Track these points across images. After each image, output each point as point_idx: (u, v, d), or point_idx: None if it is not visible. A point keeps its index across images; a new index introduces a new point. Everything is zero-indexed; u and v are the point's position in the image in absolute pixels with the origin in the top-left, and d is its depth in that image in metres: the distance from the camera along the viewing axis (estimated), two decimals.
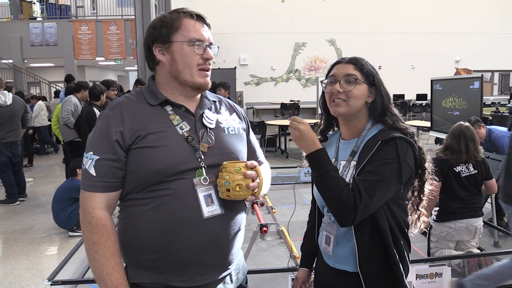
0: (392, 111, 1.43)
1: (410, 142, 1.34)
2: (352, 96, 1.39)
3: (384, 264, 1.37)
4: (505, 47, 16.72)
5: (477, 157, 3.30)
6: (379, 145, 1.32)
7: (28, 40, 12.59)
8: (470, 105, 6.02)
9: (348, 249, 1.40)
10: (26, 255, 4.11)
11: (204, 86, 1.36)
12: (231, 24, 14.90)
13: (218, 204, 1.30)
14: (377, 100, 1.42)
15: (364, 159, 1.33)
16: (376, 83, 1.42)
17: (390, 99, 1.44)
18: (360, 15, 15.82)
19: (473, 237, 3.34)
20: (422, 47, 16.04)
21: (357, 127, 1.44)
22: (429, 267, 2.56)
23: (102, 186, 1.25)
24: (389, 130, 1.38)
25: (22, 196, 6.00)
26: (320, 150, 1.33)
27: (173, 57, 1.31)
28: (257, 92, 15.89)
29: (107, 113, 1.29)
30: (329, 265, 1.48)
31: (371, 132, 1.42)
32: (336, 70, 1.44)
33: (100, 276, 1.22)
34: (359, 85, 1.39)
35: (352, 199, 1.25)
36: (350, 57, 1.45)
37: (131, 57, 12.05)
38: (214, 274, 1.32)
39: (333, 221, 1.44)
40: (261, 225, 3.05)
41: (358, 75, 1.40)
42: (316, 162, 1.33)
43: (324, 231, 1.49)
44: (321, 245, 1.51)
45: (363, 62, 1.44)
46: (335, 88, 1.41)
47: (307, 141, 1.34)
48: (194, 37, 1.31)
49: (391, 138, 1.33)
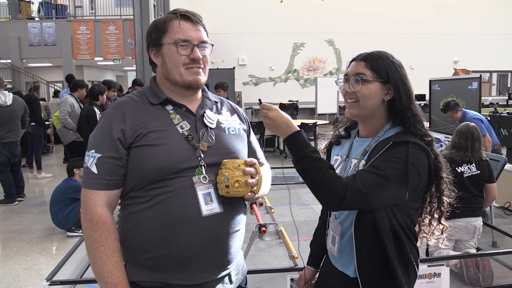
0: (413, 111, 1.34)
1: (424, 149, 1.27)
2: (362, 96, 1.33)
3: (384, 269, 1.32)
4: (503, 47, 16.75)
5: (482, 157, 3.34)
6: (390, 146, 1.26)
7: (27, 40, 12.55)
8: (468, 105, 6.02)
9: (350, 251, 1.37)
10: (24, 255, 4.11)
11: (194, 84, 1.35)
12: (230, 24, 14.90)
13: (218, 202, 1.31)
14: (396, 98, 1.34)
15: (373, 158, 1.28)
16: (391, 79, 1.33)
17: (411, 97, 1.35)
18: (358, 15, 15.83)
19: (472, 237, 3.36)
20: (420, 47, 16.06)
21: (374, 127, 1.38)
22: (427, 267, 2.56)
23: (104, 184, 1.26)
24: (406, 134, 1.31)
25: (21, 196, 5.99)
26: (296, 132, 1.28)
27: (163, 59, 1.35)
28: (256, 92, 15.88)
29: (109, 112, 1.31)
30: (336, 268, 1.45)
31: (388, 133, 1.35)
32: (350, 68, 1.39)
33: (100, 274, 1.22)
34: (368, 83, 1.32)
35: (341, 186, 1.18)
36: (365, 54, 1.37)
37: (130, 57, 12.04)
38: (213, 273, 1.32)
39: (340, 221, 1.41)
40: (260, 225, 3.05)
41: (368, 73, 1.33)
42: (293, 145, 1.27)
43: (331, 231, 1.47)
44: (328, 245, 1.49)
45: (378, 57, 1.35)
46: (344, 89, 1.38)
47: (281, 126, 1.29)
48: (179, 38, 1.31)
49: (404, 142, 1.26)
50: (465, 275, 3.29)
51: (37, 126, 7.17)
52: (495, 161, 4.00)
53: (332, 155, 1.55)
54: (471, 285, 3.23)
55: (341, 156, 1.48)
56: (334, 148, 1.56)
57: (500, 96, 16.92)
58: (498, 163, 3.96)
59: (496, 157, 4.08)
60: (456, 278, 3.32)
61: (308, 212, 5.17)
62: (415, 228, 1.41)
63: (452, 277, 3.00)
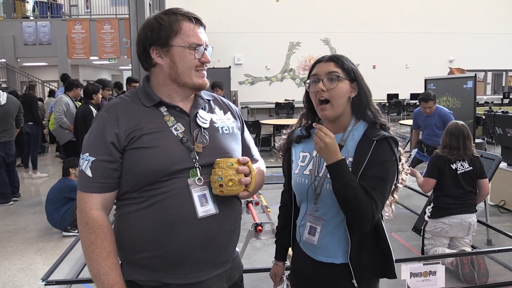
0: (373, 105, 1.49)
1: (396, 141, 1.42)
2: (336, 94, 1.42)
3: (375, 253, 1.43)
4: (498, 47, 16.83)
5: (473, 153, 3.39)
6: (375, 145, 1.38)
7: (22, 39, 12.48)
8: (463, 104, 6.06)
9: (336, 240, 1.43)
10: (19, 255, 4.09)
11: (204, 86, 1.38)
12: (226, 24, 14.87)
13: (213, 203, 1.31)
14: (360, 95, 1.46)
15: (363, 160, 1.38)
16: (357, 78, 1.46)
17: (370, 93, 1.49)
18: (354, 14, 15.85)
19: (467, 234, 3.38)
20: (416, 46, 16.11)
21: (342, 123, 1.48)
22: (423, 265, 2.57)
23: (99, 187, 1.26)
24: (375, 128, 1.45)
25: (16, 196, 5.96)
26: (341, 161, 1.36)
27: (173, 60, 1.32)
28: (252, 92, 15.88)
29: (103, 115, 1.30)
30: (314, 259, 1.49)
31: (357, 129, 1.46)
32: (318, 69, 1.47)
33: (97, 276, 1.23)
34: (341, 82, 1.42)
35: (370, 209, 1.33)
36: (330, 55, 1.49)
37: (125, 56, 12.00)
38: (209, 272, 1.32)
39: (322, 214, 1.45)
40: (256, 224, 3.06)
41: (339, 72, 1.43)
42: (337, 172, 1.35)
43: (308, 222, 1.50)
44: (303, 235, 1.52)
45: (343, 59, 1.47)
46: (318, 87, 1.44)
47: (331, 153, 1.36)
48: (194, 42, 1.32)
49: (384, 138, 1.40)
50: (460, 273, 3.31)
51: (35, 125, 7.13)
52: (490, 160, 4.02)
53: (295, 152, 1.59)
54: (467, 283, 3.25)
55: (309, 153, 1.54)
56: (296, 146, 1.61)
57: (495, 95, 17.02)
58: (493, 162, 3.98)
59: (491, 156, 4.09)
60: (451, 276, 3.34)
61: None
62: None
63: (448, 275, 3.02)
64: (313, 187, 1.46)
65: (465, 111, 5.94)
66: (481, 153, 4.18)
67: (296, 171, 1.55)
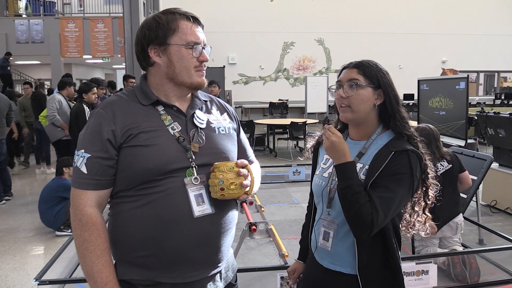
0: (401, 114, 1.44)
1: (419, 155, 1.38)
2: (355, 101, 1.41)
3: (385, 267, 1.40)
4: (490, 48, 16.98)
5: (448, 152, 3.44)
6: (392, 156, 1.35)
7: (14, 37, 12.39)
8: (456, 105, 6.09)
9: (346, 248, 1.42)
10: (12, 255, 4.06)
11: (202, 85, 1.37)
12: (220, 23, 14.86)
13: (209, 203, 1.31)
14: (386, 102, 1.43)
15: (377, 169, 1.36)
16: (382, 85, 1.43)
17: (398, 101, 1.45)
18: (348, 15, 15.92)
19: (455, 233, 3.41)
20: (409, 47, 16.22)
21: (367, 131, 1.47)
22: (415, 264, 2.59)
23: (93, 184, 1.25)
24: (400, 140, 1.41)
25: (8, 195, 5.92)
26: (348, 163, 1.35)
27: (170, 59, 1.32)
28: (246, 91, 15.89)
29: (99, 112, 1.29)
30: (322, 265, 1.49)
31: (381, 138, 1.44)
32: (342, 75, 1.47)
33: (90, 273, 1.23)
34: (361, 89, 1.41)
35: (370, 217, 1.29)
36: (356, 61, 1.47)
37: (119, 55, 11.96)
38: (204, 272, 1.32)
39: (334, 217, 1.45)
40: (250, 224, 3.06)
41: (361, 79, 1.42)
42: (342, 173, 1.35)
43: (322, 227, 1.50)
44: (319, 241, 1.51)
45: (367, 66, 1.44)
46: (338, 94, 1.45)
47: (338, 153, 1.36)
48: (192, 40, 1.32)
49: (404, 150, 1.36)
50: (452, 272, 3.34)
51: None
52: (482, 160, 4.05)
53: (321, 154, 1.60)
54: (458, 282, 3.29)
55: None
56: (323, 148, 1.59)
57: (487, 96, 17.17)
58: (484, 162, 4.01)
59: (483, 156, 4.12)
60: (443, 275, 3.36)
61: (298, 210, 5.20)
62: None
63: (440, 274, 3.05)
64: (327, 190, 1.46)
65: (457, 112, 5.98)
66: (473, 153, 4.22)
67: (317, 172, 1.56)
